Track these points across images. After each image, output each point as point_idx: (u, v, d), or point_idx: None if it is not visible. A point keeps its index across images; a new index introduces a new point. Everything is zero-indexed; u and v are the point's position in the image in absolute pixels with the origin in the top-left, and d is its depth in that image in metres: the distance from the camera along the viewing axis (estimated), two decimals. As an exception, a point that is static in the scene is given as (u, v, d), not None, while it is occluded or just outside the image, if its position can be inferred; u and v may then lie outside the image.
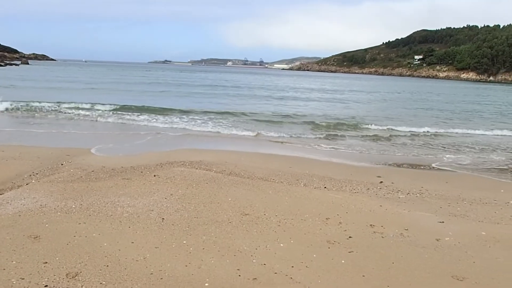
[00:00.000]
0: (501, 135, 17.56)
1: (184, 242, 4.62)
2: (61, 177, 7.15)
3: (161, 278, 3.80)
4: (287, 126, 17.17)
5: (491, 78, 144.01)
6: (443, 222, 5.79)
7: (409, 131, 16.83)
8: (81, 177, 7.21)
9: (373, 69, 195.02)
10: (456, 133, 17.34)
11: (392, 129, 17.17)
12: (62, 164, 8.12)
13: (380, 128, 17.26)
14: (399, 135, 15.89)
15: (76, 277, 3.72)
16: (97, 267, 3.92)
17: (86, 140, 11.76)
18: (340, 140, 14.46)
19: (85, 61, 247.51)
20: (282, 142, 13.35)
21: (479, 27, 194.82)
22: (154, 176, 7.34)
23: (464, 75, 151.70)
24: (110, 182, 6.91)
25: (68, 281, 3.65)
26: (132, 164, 8.32)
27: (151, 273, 3.87)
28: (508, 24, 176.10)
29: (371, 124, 17.92)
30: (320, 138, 14.60)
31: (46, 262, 3.95)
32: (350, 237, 5.02)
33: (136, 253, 4.27)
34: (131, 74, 68.36)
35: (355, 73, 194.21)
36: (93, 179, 7.11)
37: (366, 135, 15.55)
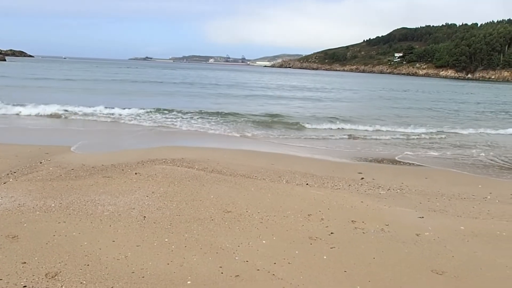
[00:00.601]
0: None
1: (166, 240, 4.59)
2: (40, 175, 7.02)
3: (143, 277, 3.77)
4: (273, 126, 16.98)
5: (469, 75, 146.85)
6: (422, 217, 5.88)
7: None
8: (61, 175, 7.09)
9: (354, 66, 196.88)
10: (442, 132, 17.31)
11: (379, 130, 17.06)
12: (41, 163, 7.98)
13: (363, 128, 17.14)
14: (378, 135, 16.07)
15: (56, 277, 3.66)
16: (77, 267, 3.87)
17: (66, 138, 11.57)
18: (317, 139, 14.55)
19: (65, 58, 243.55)
20: (265, 140, 13.37)
21: (458, 26, 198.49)
22: (136, 174, 7.27)
23: (443, 73, 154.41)
24: (90, 180, 6.81)
25: (47, 281, 3.59)
26: (113, 162, 8.22)
27: (133, 272, 3.84)
28: (486, 22, 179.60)
29: (357, 124, 17.84)
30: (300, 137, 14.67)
31: (25, 262, 3.88)
32: (332, 233, 5.06)
33: (117, 252, 4.22)
34: (110, 72, 67.27)
35: (336, 70, 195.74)
36: (73, 177, 7.01)
37: (347, 134, 15.69)
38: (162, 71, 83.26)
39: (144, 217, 5.25)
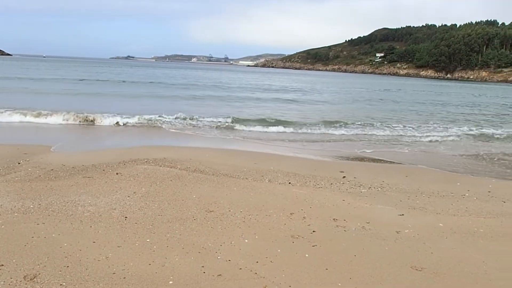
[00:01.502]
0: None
1: (148, 240, 4.56)
2: (18, 176, 6.90)
3: (124, 278, 3.74)
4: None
5: (448, 75, 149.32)
6: (403, 215, 5.96)
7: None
8: (40, 176, 6.98)
9: (337, 66, 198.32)
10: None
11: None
12: (19, 163, 7.84)
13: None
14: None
15: (35, 279, 3.61)
16: (56, 268, 3.82)
17: (45, 138, 11.39)
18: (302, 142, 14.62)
19: (44, 57, 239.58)
20: (247, 139, 13.37)
21: (437, 26, 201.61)
22: (117, 174, 7.20)
23: (423, 73, 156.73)
24: (70, 180, 6.72)
25: (26, 284, 3.53)
26: (94, 162, 8.13)
27: (114, 273, 3.81)
28: (464, 23, 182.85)
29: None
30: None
31: (2, 265, 3.81)
32: (313, 231, 5.09)
33: (98, 253, 4.18)
34: (91, 71, 66.22)
35: (319, 70, 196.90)
36: (52, 178, 6.90)
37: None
38: (148, 70, 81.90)
39: (126, 217, 5.20)
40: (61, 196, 5.87)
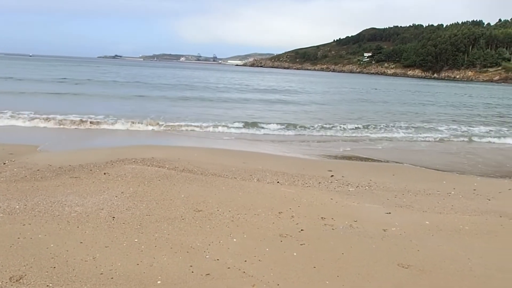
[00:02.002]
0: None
1: (136, 240, 4.55)
2: (4, 176, 6.82)
3: (112, 278, 3.72)
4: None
5: (435, 75, 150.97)
6: (390, 213, 6.02)
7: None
8: (26, 176, 6.91)
9: (325, 65, 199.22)
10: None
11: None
12: (4, 163, 7.74)
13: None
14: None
15: (21, 280, 3.57)
16: (43, 269, 3.78)
17: (31, 138, 11.26)
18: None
19: (31, 55, 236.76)
20: (235, 138, 13.38)
21: (424, 26, 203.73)
22: (104, 174, 7.16)
23: (410, 72, 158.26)
24: (57, 181, 6.67)
25: (12, 285, 3.50)
26: (81, 162, 8.06)
27: (101, 273, 3.79)
28: (451, 23, 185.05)
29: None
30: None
31: (-12, 266, 3.77)
32: (302, 230, 5.12)
33: (85, 253, 4.15)
34: (77, 70, 65.60)
35: (307, 69, 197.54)
36: (39, 178, 6.84)
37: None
38: (134, 70, 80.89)
39: (113, 217, 5.18)
40: (48, 197, 5.82)
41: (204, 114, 18.49)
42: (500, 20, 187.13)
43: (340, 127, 16.63)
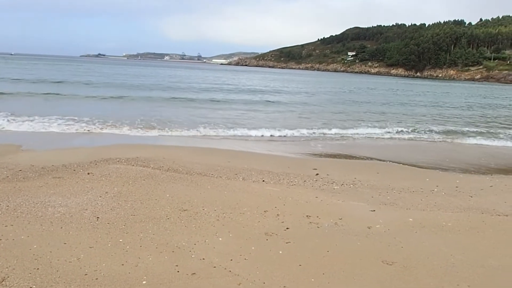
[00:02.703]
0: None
1: (120, 240, 4.51)
2: (-15, 177, 6.69)
3: (96, 279, 3.69)
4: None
5: (418, 74, 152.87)
6: (374, 210, 6.08)
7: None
8: (7, 177, 6.79)
9: (309, 64, 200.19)
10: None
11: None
12: (-15, 164, 7.60)
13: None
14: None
15: (3, 282, 3.52)
16: (26, 271, 3.73)
17: (13, 138, 11.06)
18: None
19: (12, 54, 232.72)
20: (221, 138, 13.35)
21: (407, 26, 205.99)
22: (88, 174, 7.08)
23: (393, 71, 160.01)
24: (39, 181, 6.57)
25: (-6, 287, 3.44)
26: (64, 162, 7.96)
27: (86, 274, 3.75)
28: (433, 23, 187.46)
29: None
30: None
31: (-31, 268, 3.70)
32: (287, 228, 5.14)
33: (69, 254, 4.11)
34: (57, 69, 64.50)
35: (292, 68, 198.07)
36: (21, 178, 6.73)
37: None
38: (117, 69, 79.56)
39: (98, 218, 5.13)
40: (30, 197, 5.73)
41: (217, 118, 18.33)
42: (481, 19, 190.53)
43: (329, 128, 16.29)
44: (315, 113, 22.11)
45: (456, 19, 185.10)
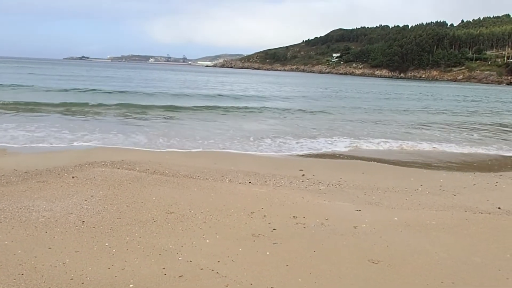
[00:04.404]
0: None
1: (106, 244, 4.48)
2: (-34, 182, 6.58)
3: (82, 283, 3.66)
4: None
5: (401, 74, 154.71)
6: (360, 210, 6.14)
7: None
8: (-10, 182, 6.69)
9: (295, 66, 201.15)
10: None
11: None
12: (-33, 169, 7.47)
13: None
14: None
15: (-13, 289, 3.47)
16: (10, 277, 3.68)
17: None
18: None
19: None
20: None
21: (390, 27, 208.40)
22: (73, 177, 7.01)
23: (378, 72, 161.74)
24: (23, 185, 6.49)
25: (-23, 294, 3.39)
26: (48, 165, 7.87)
27: (71, 278, 3.72)
28: (416, 24, 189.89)
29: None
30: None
31: (-49, 275, 3.64)
32: (274, 229, 5.16)
33: (55, 259, 4.06)
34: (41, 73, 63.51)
35: (277, 70, 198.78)
36: (4, 183, 6.63)
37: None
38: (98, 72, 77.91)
39: (83, 221, 5.08)
40: (14, 202, 5.66)
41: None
42: (462, 21, 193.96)
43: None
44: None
45: (439, 21, 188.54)
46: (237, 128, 15.84)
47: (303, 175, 8.38)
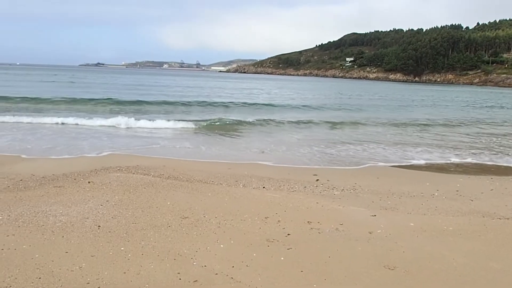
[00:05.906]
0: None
1: (122, 248, 4.52)
2: (-15, 187, 6.70)
3: (98, 287, 3.69)
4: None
5: (416, 78, 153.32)
6: (375, 215, 6.09)
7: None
8: (8, 186, 6.80)
9: (308, 71, 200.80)
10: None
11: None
12: (-14, 174, 7.60)
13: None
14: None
15: (5, 292, 3.52)
16: (28, 280, 3.74)
17: (13, 147, 11.07)
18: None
19: (18, 64, 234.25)
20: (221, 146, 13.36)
21: (404, 31, 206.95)
22: (89, 182, 7.09)
23: (392, 76, 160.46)
24: (40, 190, 6.58)
25: (-4, 297, 3.44)
26: (65, 171, 7.98)
27: (88, 283, 3.75)
28: (430, 27, 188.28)
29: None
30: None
31: (-29, 279, 3.70)
32: (288, 234, 5.15)
33: (71, 263, 4.11)
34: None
35: (290, 74, 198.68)
36: (22, 188, 6.74)
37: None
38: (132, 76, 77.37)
39: (99, 226, 5.13)
40: (31, 207, 5.74)
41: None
42: (478, 24, 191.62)
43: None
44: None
45: (454, 24, 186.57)
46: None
47: (317, 180, 8.35)
